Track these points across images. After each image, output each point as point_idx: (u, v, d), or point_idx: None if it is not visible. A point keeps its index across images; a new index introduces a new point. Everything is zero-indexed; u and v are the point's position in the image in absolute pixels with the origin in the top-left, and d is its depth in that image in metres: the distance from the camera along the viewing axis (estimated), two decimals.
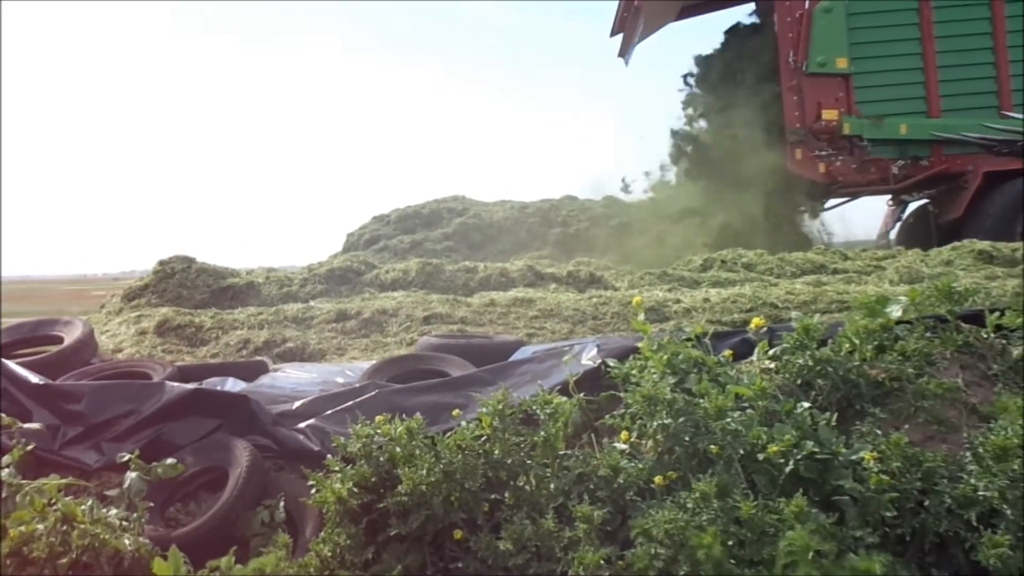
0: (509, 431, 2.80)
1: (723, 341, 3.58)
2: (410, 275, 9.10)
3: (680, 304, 6.89)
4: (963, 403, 2.99)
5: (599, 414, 3.17)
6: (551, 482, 2.73)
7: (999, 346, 3.24)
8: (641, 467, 2.71)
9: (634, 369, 3.09)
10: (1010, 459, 2.52)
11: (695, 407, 2.74)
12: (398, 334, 6.71)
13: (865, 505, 2.46)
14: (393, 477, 2.72)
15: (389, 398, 3.65)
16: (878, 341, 3.28)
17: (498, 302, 7.33)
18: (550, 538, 2.51)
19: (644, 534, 2.42)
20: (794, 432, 2.64)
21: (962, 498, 2.48)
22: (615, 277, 9.35)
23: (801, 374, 3.08)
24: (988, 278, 7.99)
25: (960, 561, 2.44)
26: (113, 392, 3.86)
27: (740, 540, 2.38)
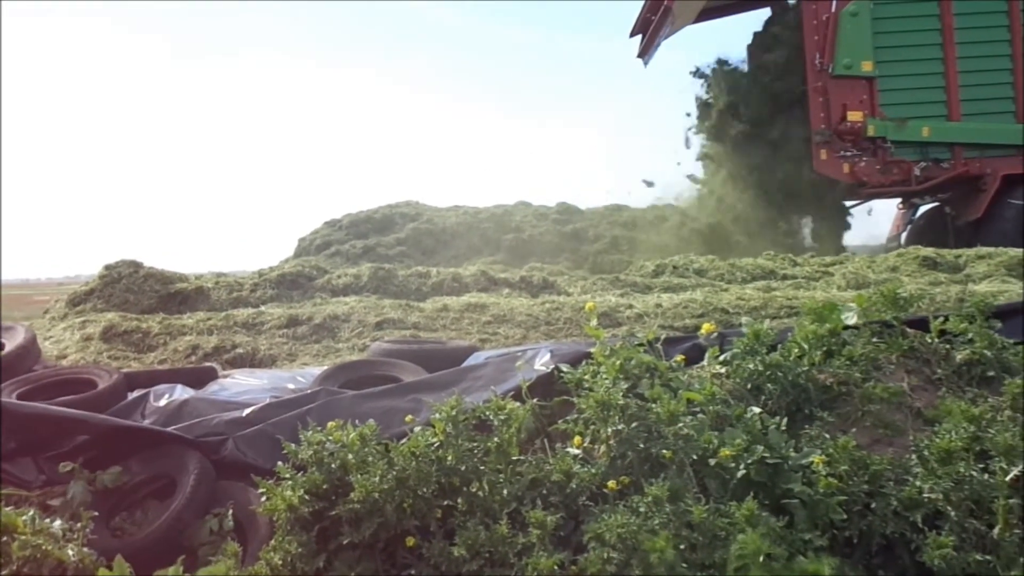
0: (462, 437, 2.79)
1: (675, 346, 3.61)
2: (362, 280, 9.06)
3: (633, 309, 6.94)
4: (908, 407, 3.04)
5: (552, 419, 3.18)
6: (504, 488, 2.72)
7: (943, 351, 3.30)
8: (594, 472, 2.72)
9: (587, 374, 3.10)
10: (954, 462, 2.57)
11: (647, 412, 2.75)
12: (350, 340, 6.67)
13: (814, 508, 2.49)
14: (345, 484, 2.69)
15: (341, 404, 3.62)
16: (826, 346, 3.32)
17: (451, 307, 7.32)
18: (504, 544, 2.50)
19: (597, 538, 2.42)
20: (745, 437, 2.67)
21: (908, 500, 2.52)
22: (568, 283, 9.38)
23: (751, 379, 3.12)
24: (932, 284, 8.18)
25: (906, 562, 2.48)
26: None
27: (692, 544, 2.39)
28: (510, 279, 9.24)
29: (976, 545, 2.41)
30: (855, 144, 13.17)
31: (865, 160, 13.19)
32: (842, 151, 13.19)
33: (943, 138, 13.25)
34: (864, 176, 13.22)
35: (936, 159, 13.29)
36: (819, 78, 13.19)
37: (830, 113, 13.13)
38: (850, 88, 13.10)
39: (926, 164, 13.26)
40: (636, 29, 16.51)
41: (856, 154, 13.19)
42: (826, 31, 13.09)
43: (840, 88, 13.10)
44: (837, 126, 13.08)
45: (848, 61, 13.01)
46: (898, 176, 13.29)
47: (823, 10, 13.17)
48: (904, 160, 13.25)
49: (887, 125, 13.09)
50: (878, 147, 13.20)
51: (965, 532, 2.43)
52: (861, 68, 13.03)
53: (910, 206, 15.30)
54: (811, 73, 13.28)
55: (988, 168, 13.10)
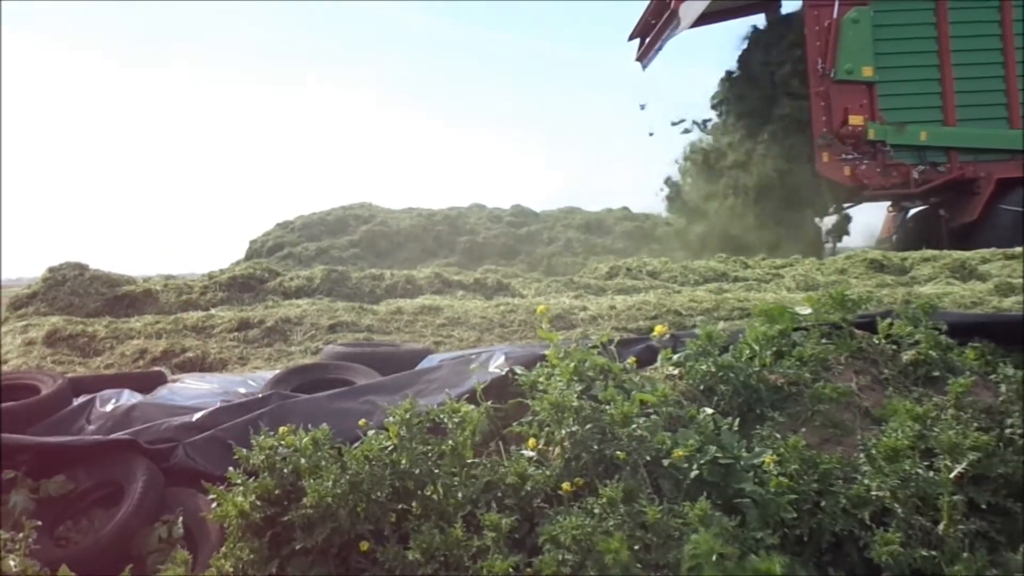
0: (416, 440, 2.77)
1: (628, 348, 3.63)
2: (315, 283, 8.98)
3: (587, 311, 6.97)
4: (857, 406, 3.10)
5: (507, 422, 3.18)
6: (459, 491, 2.72)
7: (890, 351, 3.36)
8: (548, 474, 2.73)
9: (541, 377, 3.11)
10: (900, 460, 2.62)
11: (601, 414, 2.76)
12: (303, 343, 6.61)
13: (765, 507, 2.53)
14: (298, 489, 2.67)
15: (293, 408, 3.58)
16: (777, 347, 3.37)
17: (405, 310, 7.29)
18: (458, 547, 2.50)
19: (552, 540, 2.42)
20: (697, 437, 2.69)
21: (856, 498, 2.56)
22: (522, 285, 9.39)
23: (704, 380, 3.15)
24: (879, 286, 8.33)
25: (855, 559, 2.52)
26: None
27: (646, 544, 2.41)
28: (464, 281, 9.23)
29: (922, 541, 2.46)
30: (856, 148, 13.44)
31: (866, 163, 13.46)
32: (843, 154, 13.45)
33: (940, 142, 13.59)
34: (865, 179, 13.50)
35: (933, 163, 13.60)
36: (821, 83, 13.44)
37: (832, 117, 13.40)
38: (851, 93, 13.39)
39: (924, 168, 13.57)
40: (636, 33, 16.72)
41: (857, 157, 13.45)
42: (828, 37, 13.36)
43: (842, 93, 13.38)
44: (839, 130, 13.35)
45: (849, 66, 13.29)
46: (897, 179, 13.58)
47: (825, 16, 13.44)
48: (903, 163, 13.54)
49: (887, 129, 13.38)
50: (878, 151, 13.47)
51: (911, 528, 2.48)
52: (862, 73, 13.33)
53: (900, 209, 15.63)
54: (813, 78, 13.54)
55: (982, 172, 13.46)
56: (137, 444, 3.42)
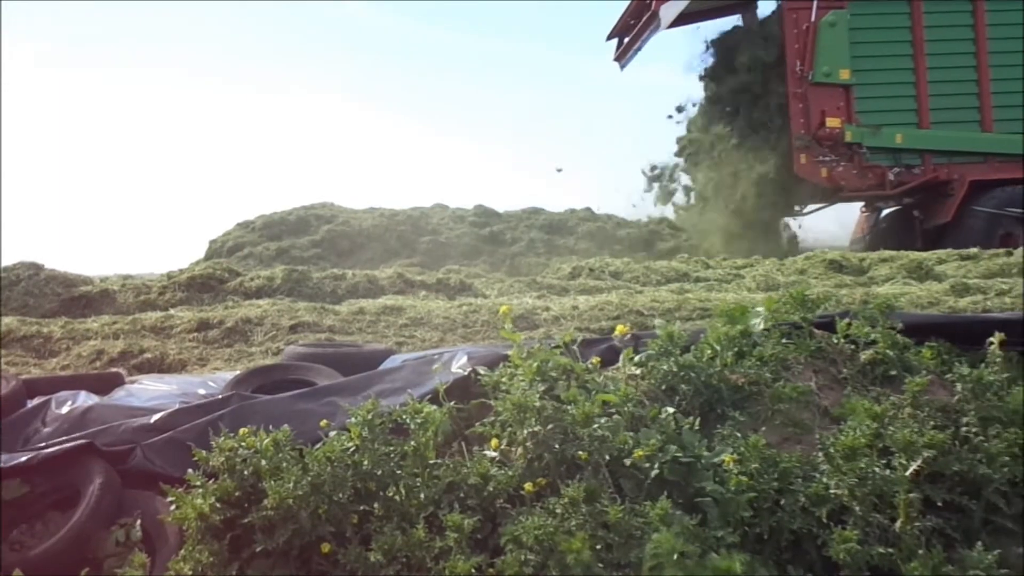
0: (379, 441, 2.76)
1: (591, 348, 3.64)
2: (276, 282, 8.90)
3: (549, 311, 6.98)
4: (816, 406, 3.13)
5: (469, 422, 3.17)
6: (421, 492, 2.71)
7: (848, 351, 3.40)
8: (511, 474, 2.73)
9: (504, 377, 3.11)
10: (858, 458, 2.66)
11: (563, 414, 2.77)
12: (263, 343, 6.55)
13: (726, 506, 2.54)
14: (258, 491, 2.65)
15: (254, 409, 3.55)
16: (738, 347, 3.40)
17: (367, 310, 7.25)
18: (421, 548, 2.49)
19: (514, 541, 2.43)
20: (659, 437, 2.71)
21: (815, 496, 2.59)
22: (486, 285, 9.39)
23: (665, 380, 3.16)
24: (838, 286, 8.44)
25: (813, 557, 2.54)
26: None
27: (608, 544, 2.42)
28: (427, 281, 9.20)
29: (879, 538, 2.49)
30: (833, 149, 13.64)
31: (843, 165, 13.66)
32: (821, 156, 13.64)
33: (914, 145, 13.82)
34: (842, 180, 13.71)
35: (908, 165, 13.85)
36: (800, 85, 13.63)
37: (810, 119, 13.58)
38: (829, 95, 13.57)
39: (899, 169, 13.80)
40: (614, 33, 16.82)
41: (834, 159, 13.66)
42: (806, 40, 13.52)
43: (819, 95, 13.56)
44: (816, 131, 13.52)
45: (827, 69, 13.46)
46: (873, 181, 13.82)
47: (803, 19, 13.58)
48: (879, 165, 13.78)
49: (863, 131, 13.59)
50: (855, 152, 13.69)
51: (869, 526, 2.51)
52: (839, 76, 13.51)
53: (874, 209, 15.84)
54: (792, 80, 13.70)
55: (956, 174, 13.69)
56: (94, 446, 3.36)
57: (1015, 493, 2.70)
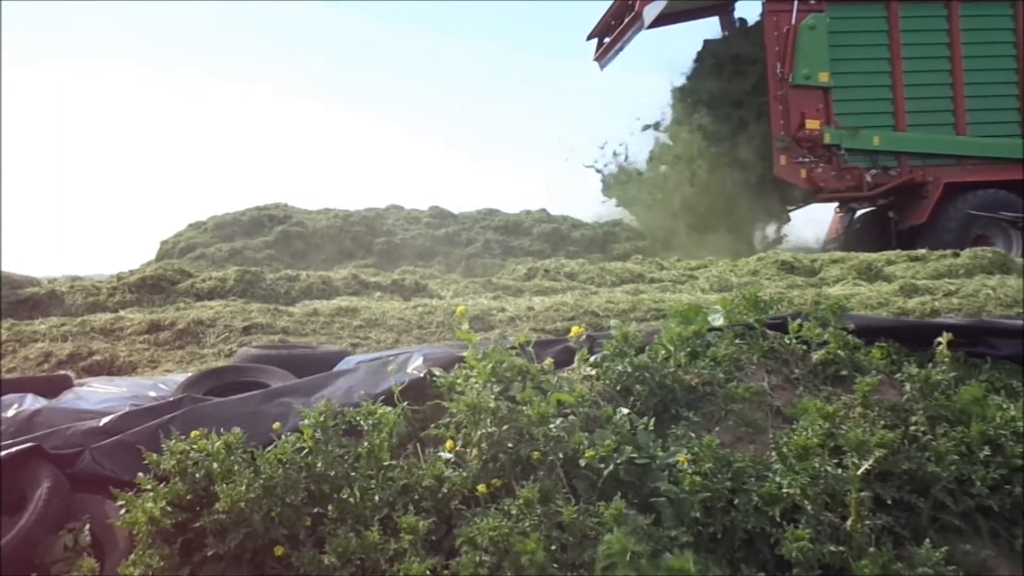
0: (332, 443, 2.74)
1: (546, 349, 3.64)
2: (228, 284, 8.80)
3: (505, 313, 6.98)
4: (769, 406, 3.16)
5: (424, 424, 3.16)
6: (376, 493, 2.69)
7: (800, 351, 3.45)
8: (466, 475, 2.72)
9: (459, 378, 3.10)
10: (810, 458, 2.69)
11: (518, 415, 2.77)
12: (216, 345, 6.47)
13: (680, 506, 2.56)
14: (210, 494, 2.61)
15: (205, 412, 3.50)
16: (691, 348, 3.42)
17: (321, 311, 7.20)
18: (375, 550, 2.48)
19: (469, 542, 2.42)
20: (614, 437, 2.72)
21: (768, 496, 2.62)
22: (441, 286, 9.37)
23: (620, 380, 3.17)
24: (790, 287, 8.55)
25: (766, 555, 2.57)
26: None
27: (562, 544, 2.43)
28: (382, 283, 9.16)
29: (831, 537, 2.53)
30: (812, 151, 13.79)
31: (822, 167, 13.81)
32: (800, 157, 13.78)
33: (891, 147, 14.02)
34: (821, 182, 13.85)
35: (885, 167, 14.05)
36: (780, 87, 13.77)
37: (789, 121, 13.72)
38: (808, 97, 13.73)
39: (876, 171, 14.00)
40: (595, 33, 16.84)
41: (813, 161, 13.80)
42: (786, 42, 13.67)
43: (799, 97, 13.70)
44: (796, 133, 13.67)
45: (807, 72, 13.62)
46: (851, 182, 13.96)
47: (784, 22, 13.72)
48: (857, 167, 13.94)
49: (841, 133, 13.74)
50: (833, 154, 13.84)
51: (820, 524, 2.54)
52: (818, 79, 13.68)
53: (848, 210, 16.06)
54: (772, 82, 13.85)
55: (931, 176, 13.92)
56: (41, 450, 3.29)
57: (962, 491, 2.75)
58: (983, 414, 2.95)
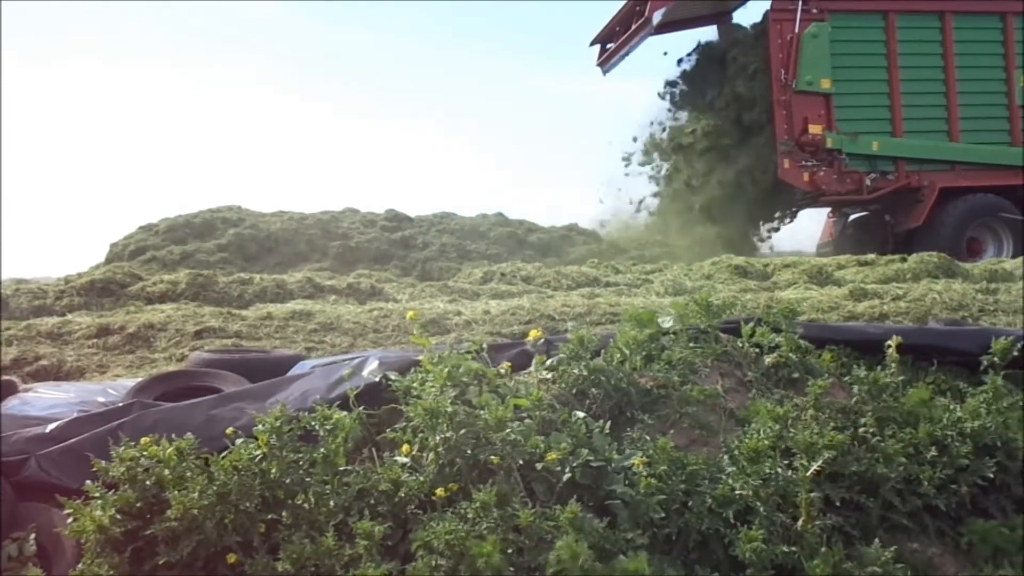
0: (287, 448, 2.72)
1: (502, 353, 3.64)
2: (180, 287, 8.69)
3: (461, 316, 6.98)
4: (722, 408, 3.20)
5: (380, 428, 3.14)
6: (331, 499, 2.67)
7: (753, 355, 3.49)
8: (422, 480, 2.71)
9: (415, 382, 3.09)
10: (762, 460, 2.72)
11: (475, 419, 2.77)
12: (167, 350, 6.38)
13: (635, 508, 2.58)
14: (161, 501, 2.57)
15: (157, 417, 3.45)
16: (646, 351, 3.45)
17: (275, 315, 7.13)
18: (330, 556, 2.46)
19: (425, 546, 2.41)
20: (570, 440, 2.73)
21: (721, 497, 2.64)
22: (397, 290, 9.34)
23: (576, 384, 3.19)
24: (743, 291, 8.65)
25: (720, 556, 2.59)
26: None
27: (519, 547, 2.43)
28: (337, 286, 9.11)
29: (782, 537, 2.56)
30: (815, 155, 14.27)
31: (823, 170, 14.28)
32: (803, 161, 14.26)
33: (889, 152, 14.59)
34: (823, 185, 14.32)
35: (883, 171, 14.60)
36: (784, 92, 14.24)
37: (793, 125, 14.19)
38: (810, 103, 14.23)
39: (875, 175, 14.54)
40: (599, 39, 17.31)
41: (815, 164, 14.29)
42: (790, 50, 14.15)
43: (802, 103, 14.21)
44: (799, 138, 14.15)
45: (810, 78, 14.11)
46: (851, 186, 14.48)
47: (787, 30, 14.23)
48: (857, 171, 14.46)
49: (842, 138, 14.26)
50: (834, 159, 14.33)
51: (773, 525, 2.57)
52: (820, 85, 14.18)
53: (841, 214, 16.65)
54: (776, 88, 14.31)
55: (926, 181, 14.49)
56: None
57: (909, 491, 2.81)
58: (930, 415, 3.01)
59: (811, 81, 14.14)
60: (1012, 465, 2.94)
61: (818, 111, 14.23)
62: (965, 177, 14.71)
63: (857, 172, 14.48)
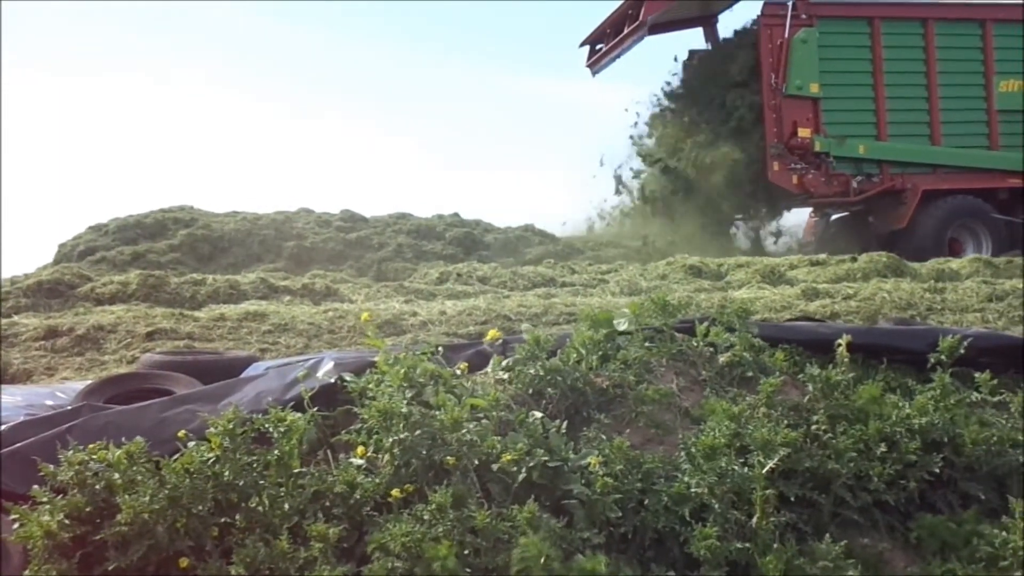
0: (240, 451, 2.68)
1: (459, 353, 3.64)
2: (131, 288, 8.56)
3: (417, 317, 6.96)
4: (678, 407, 3.22)
5: (335, 430, 3.11)
6: (285, 501, 2.64)
7: (707, 354, 3.52)
8: (378, 481, 2.69)
9: (371, 383, 3.07)
10: (717, 457, 2.75)
11: (432, 420, 2.76)
12: (117, 352, 6.28)
13: (592, 507, 2.59)
14: (111, 506, 2.52)
15: (107, 421, 3.39)
16: (602, 351, 3.46)
17: (228, 316, 7.05)
18: (284, 559, 2.43)
19: (381, 548, 2.40)
20: (526, 441, 2.73)
21: (677, 495, 2.66)
22: (352, 290, 9.29)
23: (533, 384, 3.19)
24: (697, 291, 8.73)
25: (676, 554, 2.61)
26: None
27: (475, 549, 2.42)
28: (291, 287, 9.03)
29: (737, 534, 2.58)
30: (803, 158, 14.62)
31: (812, 173, 14.67)
32: (792, 164, 14.60)
33: (875, 155, 15.03)
34: (811, 187, 14.70)
35: (868, 174, 15.02)
36: (774, 96, 14.59)
37: (782, 129, 14.53)
38: (799, 107, 14.61)
39: (861, 178, 14.95)
40: (589, 40, 17.59)
41: (804, 167, 14.64)
42: (780, 55, 14.48)
43: (791, 107, 14.57)
44: (788, 141, 14.48)
45: (799, 83, 14.49)
46: (838, 188, 14.88)
47: (777, 36, 14.55)
48: (844, 173, 14.86)
49: (830, 142, 14.63)
50: (822, 161, 14.71)
51: (727, 522, 2.60)
52: (809, 89, 14.58)
53: (823, 215, 17.10)
54: (767, 92, 14.66)
55: (909, 183, 14.92)
56: None
57: (860, 487, 2.85)
58: (880, 412, 3.06)
59: (800, 85, 14.51)
60: (959, 460, 3.01)
61: (807, 115, 14.61)
62: (946, 180, 15.17)
63: (844, 175, 14.88)
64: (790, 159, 14.60)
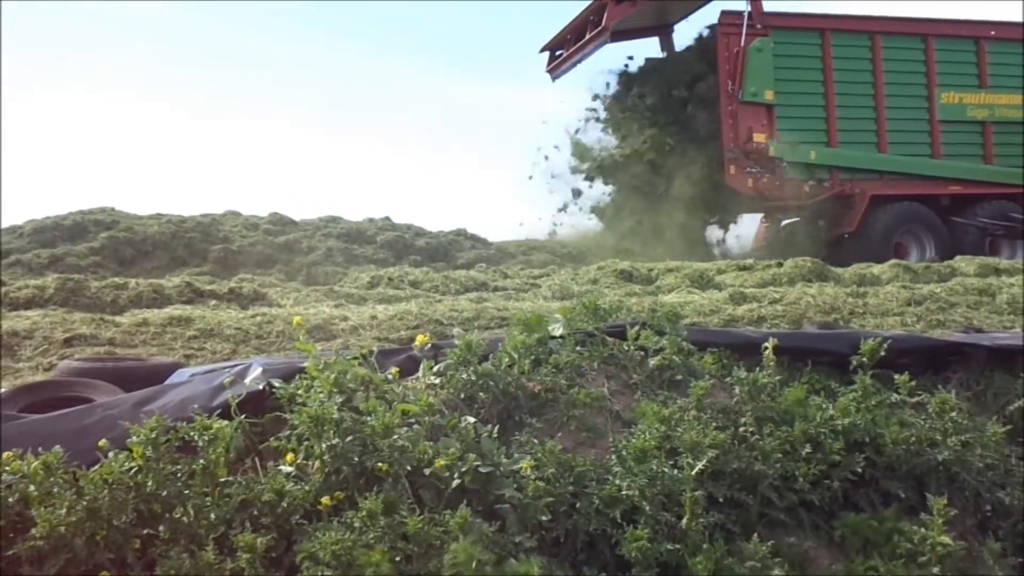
0: (164, 460, 2.61)
1: (390, 358, 3.61)
2: (48, 292, 8.28)
3: (347, 321, 6.87)
4: (609, 410, 3.24)
5: (264, 437, 3.06)
6: (211, 511, 2.58)
7: (638, 357, 3.55)
8: (307, 489, 2.65)
9: (301, 389, 3.02)
10: (648, 460, 2.77)
11: (362, 425, 2.73)
12: (33, 358, 6.06)
13: (524, 511, 2.59)
14: (26, 519, 2.43)
15: (21, 430, 3.27)
16: (534, 355, 3.47)
17: (152, 321, 6.87)
18: (210, 570, 2.37)
19: (310, 557, 2.36)
20: (458, 446, 2.71)
21: (608, 498, 2.68)
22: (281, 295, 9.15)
23: (465, 388, 3.18)
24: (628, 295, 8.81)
25: (607, 556, 2.63)
26: None
27: (408, 555, 2.40)
28: (218, 291, 8.85)
29: (668, 535, 2.61)
30: (758, 162, 14.96)
31: (766, 177, 15.02)
32: (748, 168, 14.95)
33: (825, 161, 15.51)
34: (765, 191, 15.11)
35: (820, 179, 15.52)
36: (730, 102, 14.97)
37: (738, 134, 14.89)
38: (755, 113, 15.01)
39: (813, 183, 15.44)
40: (549, 46, 17.78)
41: (759, 171, 14.99)
42: (736, 62, 14.90)
43: (747, 113, 14.96)
44: (744, 145, 14.85)
45: (754, 89, 14.91)
46: (791, 192, 15.31)
47: (734, 44, 15.01)
48: (796, 178, 15.28)
49: (783, 147, 15.04)
50: (776, 166, 15.07)
51: (658, 524, 2.62)
52: (764, 96, 15.01)
53: (773, 219, 17.54)
54: (724, 98, 15.03)
55: (858, 188, 15.47)
56: None
57: (786, 487, 2.91)
58: (805, 414, 3.13)
59: (756, 92, 14.95)
60: (880, 460, 3.09)
61: (762, 121, 15.03)
62: (892, 186, 15.79)
63: (796, 179, 15.34)
64: (746, 163, 15.01)
